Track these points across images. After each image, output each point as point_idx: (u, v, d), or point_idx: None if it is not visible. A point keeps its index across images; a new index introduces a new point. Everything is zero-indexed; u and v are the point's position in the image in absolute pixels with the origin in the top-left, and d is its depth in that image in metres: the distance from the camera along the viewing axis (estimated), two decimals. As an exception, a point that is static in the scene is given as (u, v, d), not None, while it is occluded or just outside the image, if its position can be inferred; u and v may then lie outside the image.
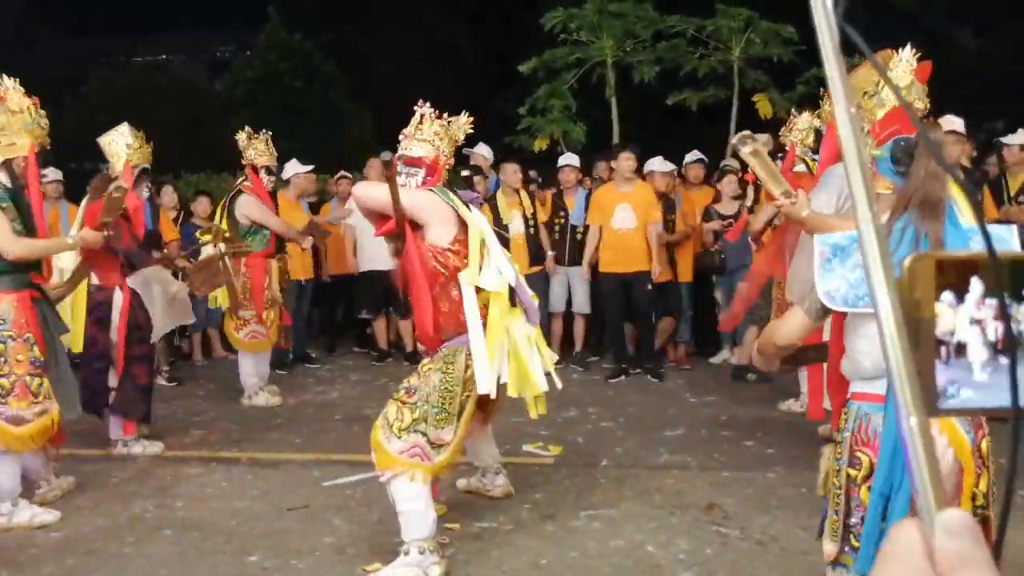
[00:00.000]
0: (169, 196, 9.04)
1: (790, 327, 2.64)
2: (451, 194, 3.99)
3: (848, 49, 0.63)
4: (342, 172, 9.58)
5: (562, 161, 8.69)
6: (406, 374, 7.06)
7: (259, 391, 7.09)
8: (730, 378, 7.63)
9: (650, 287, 7.74)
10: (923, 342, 0.59)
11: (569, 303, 8.43)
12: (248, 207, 6.91)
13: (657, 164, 8.33)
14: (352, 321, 9.51)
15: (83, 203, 5.75)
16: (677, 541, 4.17)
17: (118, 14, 20.40)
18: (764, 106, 11.04)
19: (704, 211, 8.24)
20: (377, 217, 4.10)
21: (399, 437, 3.82)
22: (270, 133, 7.13)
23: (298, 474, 5.31)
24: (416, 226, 3.90)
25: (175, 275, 6.79)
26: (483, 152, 8.57)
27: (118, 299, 5.55)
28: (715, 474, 5.14)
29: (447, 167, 4.13)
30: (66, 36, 19.90)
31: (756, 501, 4.67)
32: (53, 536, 4.40)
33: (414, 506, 3.80)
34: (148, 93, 19.71)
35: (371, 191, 4.15)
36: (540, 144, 11.30)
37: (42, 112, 4.70)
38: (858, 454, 2.50)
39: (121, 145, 5.67)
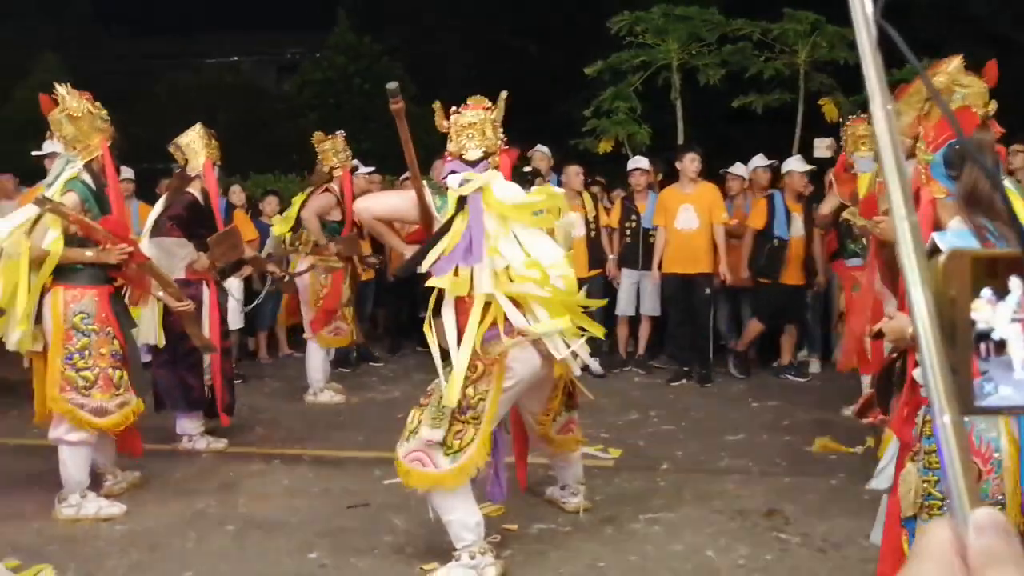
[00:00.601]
0: (237, 195, 9.21)
1: None
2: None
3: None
4: (406, 174, 9.65)
5: (632, 164, 8.62)
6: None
7: (323, 389, 7.20)
8: (794, 384, 7.52)
9: (708, 291, 7.69)
10: (960, 339, 0.58)
11: (637, 307, 8.35)
12: (311, 202, 7.06)
13: (794, 164, 8.11)
14: (416, 321, 9.57)
15: (159, 202, 5.91)
16: (737, 546, 4.12)
17: (188, 15, 20.88)
18: (830, 109, 10.87)
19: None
20: (387, 227, 4.14)
21: (407, 440, 3.85)
22: (343, 134, 7.26)
23: (359, 472, 5.37)
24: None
25: (263, 279, 7.15)
26: (543, 152, 8.58)
27: (206, 294, 5.73)
28: (776, 479, 5.07)
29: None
30: (136, 37, 20.42)
31: (818, 507, 4.59)
32: (118, 529, 4.50)
33: (454, 516, 3.79)
34: (216, 94, 20.12)
35: (380, 199, 4.13)
36: (604, 146, 11.27)
37: (98, 105, 4.77)
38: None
39: (199, 144, 5.80)
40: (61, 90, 4.67)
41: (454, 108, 4.06)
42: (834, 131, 10.01)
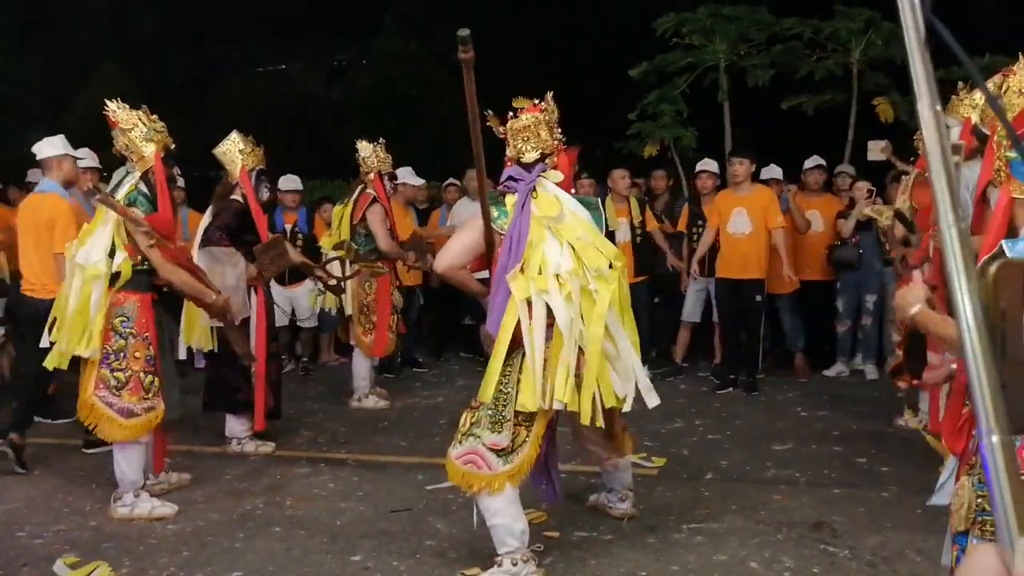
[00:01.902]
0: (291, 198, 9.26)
1: None
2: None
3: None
4: (451, 179, 9.69)
5: (699, 166, 8.46)
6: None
7: (368, 394, 7.24)
8: (844, 392, 7.39)
9: (759, 297, 7.58)
10: (1010, 353, 0.55)
11: (707, 313, 8.22)
12: (374, 215, 7.10)
13: (705, 165, 8.32)
14: (459, 327, 9.59)
15: (208, 211, 5.99)
16: (782, 558, 4.04)
17: (240, 24, 21.15)
18: (885, 109, 10.63)
19: (838, 214, 8.09)
20: (467, 273, 4.15)
21: (460, 442, 3.83)
22: (383, 141, 7.28)
23: (403, 477, 5.39)
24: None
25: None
26: None
27: (255, 299, 5.81)
28: (825, 491, 4.97)
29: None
30: (193, 47, 20.74)
31: (867, 520, 4.49)
32: (170, 528, 4.58)
33: (499, 520, 3.78)
34: (269, 101, 20.38)
35: (451, 248, 4.03)
36: (650, 150, 11.18)
37: (154, 117, 4.87)
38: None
39: (235, 152, 5.89)
40: (112, 105, 4.79)
41: (510, 114, 4.03)
42: (889, 132, 9.84)
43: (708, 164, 8.41)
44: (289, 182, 9.03)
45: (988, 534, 2.32)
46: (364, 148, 7.21)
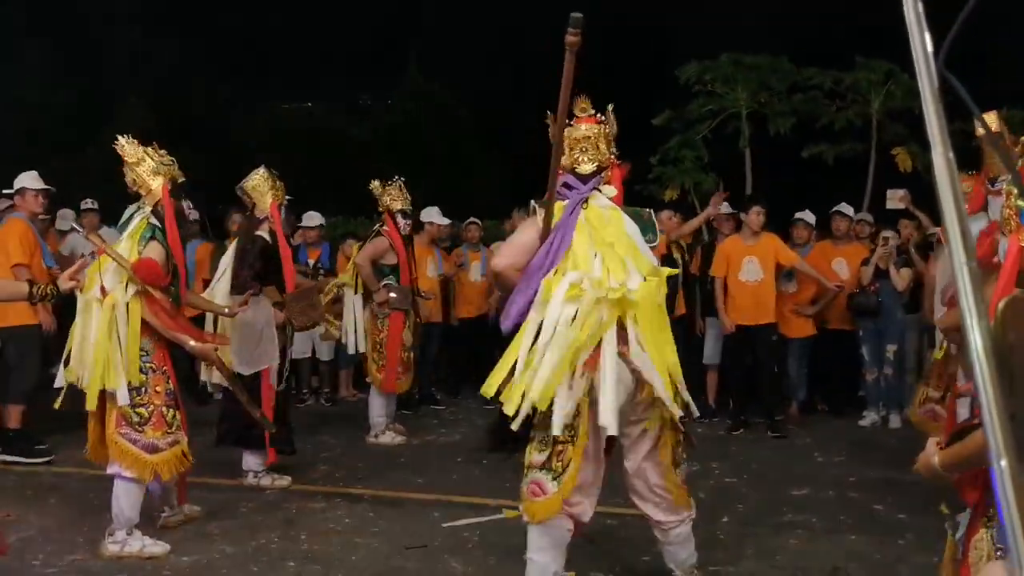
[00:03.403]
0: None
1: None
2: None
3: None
4: (472, 219, 9.79)
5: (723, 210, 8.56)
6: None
7: (385, 430, 7.26)
8: (861, 439, 7.35)
9: (774, 338, 7.69)
10: (1019, 387, 0.59)
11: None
12: (365, 247, 7.27)
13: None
14: (478, 364, 9.61)
15: (231, 246, 6.09)
16: (799, 605, 4.02)
17: (264, 59, 21.48)
18: (904, 159, 10.73)
19: (862, 261, 8.12)
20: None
21: (525, 475, 3.79)
22: (403, 179, 7.41)
23: (419, 513, 5.39)
24: None
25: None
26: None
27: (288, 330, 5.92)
28: (841, 537, 4.94)
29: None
30: (218, 81, 21.06)
31: (884, 568, 4.46)
32: (184, 560, 4.59)
33: (540, 558, 3.74)
34: (291, 138, 20.64)
35: (510, 246, 4.04)
36: (670, 194, 11.26)
37: (162, 152, 4.92)
38: None
39: (265, 186, 5.97)
40: (120, 140, 4.88)
41: (568, 121, 3.94)
42: (907, 182, 9.89)
43: (730, 209, 8.48)
44: (311, 219, 9.19)
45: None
46: (375, 188, 7.40)
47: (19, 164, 7.20)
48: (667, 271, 3.90)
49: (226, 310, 5.68)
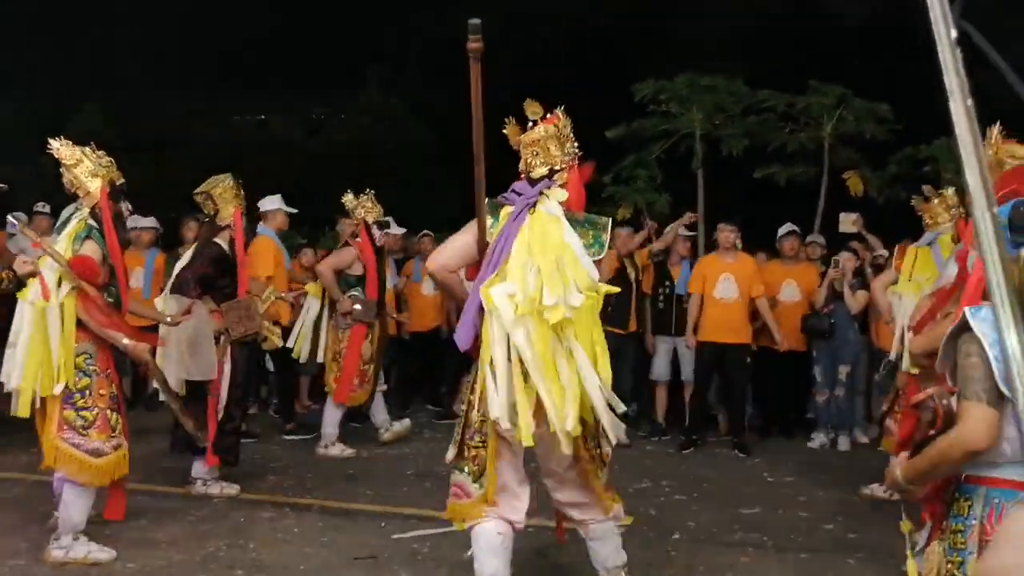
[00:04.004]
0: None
1: (978, 429, 2.20)
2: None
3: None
4: (425, 231, 9.75)
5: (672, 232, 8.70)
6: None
7: (335, 442, 7.18)
8: (810, 459, 7.44)
9: (749, 360, 7.81)
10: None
11: (676, 373, 8.33)
12: (329, 257, 7.32)
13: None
14: (428, 377, 9.57)
15: (187, 253, 6.03)
16: (750, 621, 4.03)
17: (220, 69, 21.25)
18: (854, 183, 10.88)
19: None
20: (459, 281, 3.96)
21: (450, 480, 3.84)
22: (373, 192, 7.42)
23: (368, 525, 5.33)
24: None
25: None
26: None
27: (223, 339, 5.80)
28: (792, 555, 4.96)
29: None
30: (176, 88, 20.77)
31: (834, 586, 4.50)
32: (130, 567, 4.49)
33: (480, 567, 3.69)
34: (244, 149, 20.43)
35: (447, 248, 3.93)
36: (623, 213, 11.28)
37: (100, 152, 4.86)
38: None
39: (230, 195, 5.95)
40: (54, 143, 4.76)
41: (530, 123, 3.87)
42: (859, 205, 10.07)
43: (683, 231, 8.63)
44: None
45: None
46: (348, 201, 7.37)
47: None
48: (605, 288, 3.72)
49: (168, 319, 5.65)
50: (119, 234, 4.81)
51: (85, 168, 4.75)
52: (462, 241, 3.85)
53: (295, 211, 8.05)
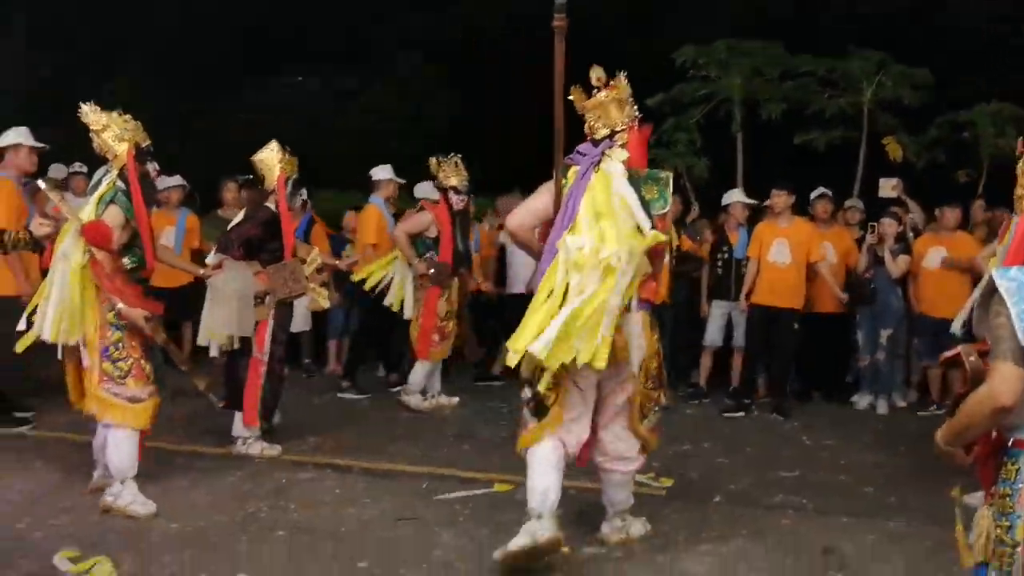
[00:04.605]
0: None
1: (1004, 386, 2.21)
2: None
3: None
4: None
5: (731, 198, 8.58)
6: (518, 396, 7.18)
7: (415, 392, 7.44)
8: (850, 422, 7.40)
9: (796, 325, 7.75)
10: None
11: (728, 338, 8.30)
12: (404, 220, 7.60)
13: (736, 195, 8.52)
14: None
15: (240, 216, 6.20)
16: (792, 583, 4.02)
17: (259, 34, 21.23)
18: (893, 149, 10.77)
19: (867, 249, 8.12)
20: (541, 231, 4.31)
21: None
22: (459, 155, 7.44)
23: (409, 486, 5.36)
24: None
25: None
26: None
27: (269, 300, 5.93)
28: (832, 519, 4.95)
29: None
30: (217, 61, 20.76)
31: (876, 550, 4.47)
32: (173, 527, 4.55)
33: (534, 483, 4.07)
34: (276, 118, 20.46)
35: (525, 208, 4.36)
36: (663, 177, 11.20)
37: (126, 116, 5.00)
38: None
39: (273, 160, 6.08)
40: (84, 107, 4.92)
41: (594, 89, 4.20)
42: (898, 170, 9.94)
43: (738, 195, 8.57)
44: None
45: (1006, 564, 2.30)
46: (432, 164, 7.44)
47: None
48: (654, 237, 3.96)
49: (201, 272, 5.99)
50: (146, 195, 4.98)
51: (112, 132, 4.91)
52: (537, 202, 4.31)
53: (403, 181, 8.54)
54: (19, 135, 6.55)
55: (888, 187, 8.79)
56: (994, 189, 9.20)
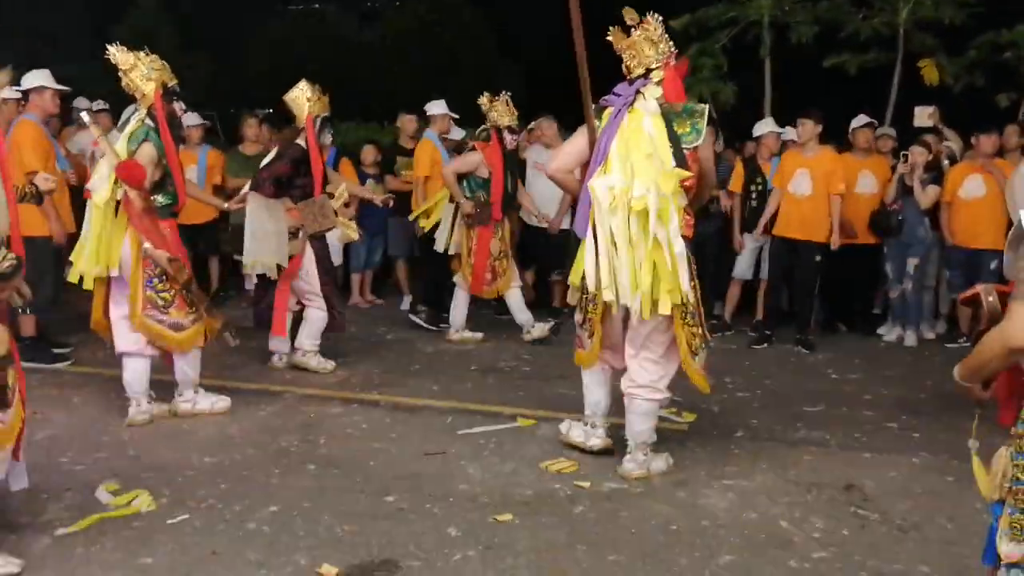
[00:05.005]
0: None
1: (1019, 327, 2.24)
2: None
3: None
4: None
5: (763, 128, 8.43)
6: (539, 330, 7.25)
7: (461, 328, 7.67)
8: (875, 356, 7.39)
9: (818, 258, 7.60)
10: None
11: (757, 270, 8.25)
12: (454, 161, 7.70)
13: (768, 125, 8.44)
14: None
15: (272, 154, 6.37)
16: (812, 519, 4.07)
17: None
18: (930, 72, 10.42)
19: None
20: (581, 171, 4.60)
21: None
22: (510, 94, 7.42)
23: (434, 420, 5.45)
24: None
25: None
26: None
27: (302, 235, 6.26)
28: (855, 454, 4.98)
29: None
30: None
31: (898, 485, 4.51)
32: (207, 461, 4.67)
33: (590, 394, 4.77)
34: (302, 44, 20.24)
35: (564, 152, 4.72)
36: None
37: (153, 56, 5.20)
38: None
39: (303, 99, 6.24)
40: (111, 48, 5.12)
41: (631, 29, 4.41)
42: (934, 94, 9.66)
43: (771, 125, 8.44)
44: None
45: (1021, 503, 2.33)
46: (483, 102, 7.42)
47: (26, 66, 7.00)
48: (676, 173, 4.13)
49: (225, 205, 6.43)
50: (173, 133, 5.20)
51: (140, 72, 5.11)
52: (574, 146, 4.60)
53: (457, 116, 8.80)
54: (41, 77, 6.62)
55: (924, 116, 8.57)
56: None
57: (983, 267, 7.29)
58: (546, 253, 8.37)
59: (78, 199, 5.62)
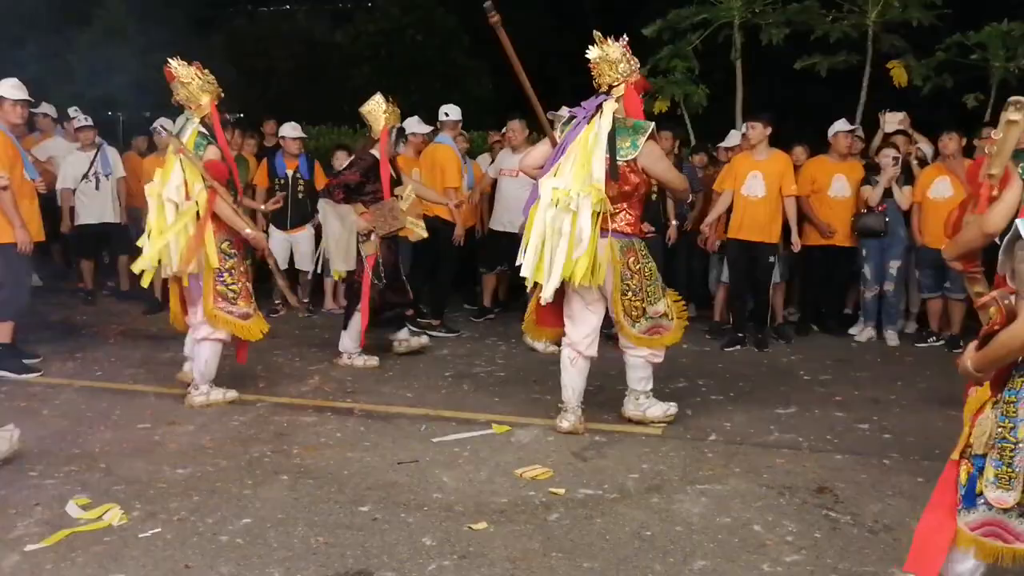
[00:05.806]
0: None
1: None
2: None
3: None
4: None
5: (733, 140, 8.57)
6: (515, 333, 7.39)
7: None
8: (846, 357, 7.44)
9: (772, 259, 7.73)
10: None
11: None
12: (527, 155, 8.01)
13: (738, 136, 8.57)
14: (464, 279, 9.59)
15: (349, 161, 7.04)
16: (785, 522, 4.10)
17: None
18: (899, 73, 10.52)
19: (863, 180, 8.09)
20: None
21: (637, 322, 5.22)
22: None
23: (408, 428, 5.44)
24: None
25: None
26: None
27: (374, 236, 6.81)
28: (827, 456, 5.02)
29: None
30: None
31: (870, 487, 4.54)
32: (179, 473, 4.62)
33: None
34: (272, 44, 20.09)
35: (533, 155, 5.37)
36: (660, 106, 11.07)
37: (207, 72, 5.72)
38: None
39: (379, 112, 6.75)
40: (173, 62, 5.64)
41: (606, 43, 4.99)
42: (901, 95, 9.76)
43: (738, 133, 8.64)
44: (292, 129, 9.09)
45: (1007, 458, 2.67)
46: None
47: None
48: (593, 187, 4.83)
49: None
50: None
51: (197, 85, 5.66)
52: (543, 148, 5.27)
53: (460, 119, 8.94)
54: (5, 87, 6.60)
55: (895, 122, 8.67)
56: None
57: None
58: (510, 257, 8.30)
59: (48, 207, 5.63)
